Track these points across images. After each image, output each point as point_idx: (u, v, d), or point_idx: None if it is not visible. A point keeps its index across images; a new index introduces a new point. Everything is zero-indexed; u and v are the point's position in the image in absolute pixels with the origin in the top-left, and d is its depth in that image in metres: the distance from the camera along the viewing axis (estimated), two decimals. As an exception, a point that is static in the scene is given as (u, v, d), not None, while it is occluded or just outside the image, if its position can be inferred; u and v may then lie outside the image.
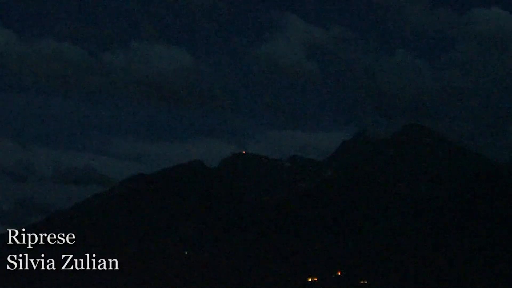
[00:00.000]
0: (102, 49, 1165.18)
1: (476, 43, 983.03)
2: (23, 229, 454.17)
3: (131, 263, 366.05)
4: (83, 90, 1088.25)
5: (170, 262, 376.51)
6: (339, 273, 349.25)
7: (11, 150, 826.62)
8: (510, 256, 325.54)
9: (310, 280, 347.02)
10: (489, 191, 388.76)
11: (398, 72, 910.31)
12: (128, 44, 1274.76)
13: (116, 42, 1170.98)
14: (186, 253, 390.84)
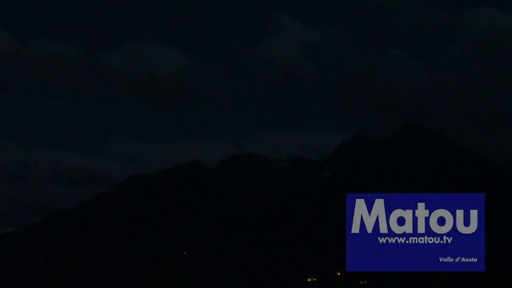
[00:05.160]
0: (99, 49, 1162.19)
1: (472, 43, 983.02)
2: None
3: (130, 263, 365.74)
4: (80, 90, 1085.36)
5: (169, 262, 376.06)
6: (339, 273, 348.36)
7: (9, 150, 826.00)
8: (510, 256, 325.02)
9: (309, 280, 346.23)
10: (488, 191, 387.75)
11: (395, 72, 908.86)
12: (124, 44, 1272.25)
13: (112, 42, 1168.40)
14: (185, 253, 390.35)
